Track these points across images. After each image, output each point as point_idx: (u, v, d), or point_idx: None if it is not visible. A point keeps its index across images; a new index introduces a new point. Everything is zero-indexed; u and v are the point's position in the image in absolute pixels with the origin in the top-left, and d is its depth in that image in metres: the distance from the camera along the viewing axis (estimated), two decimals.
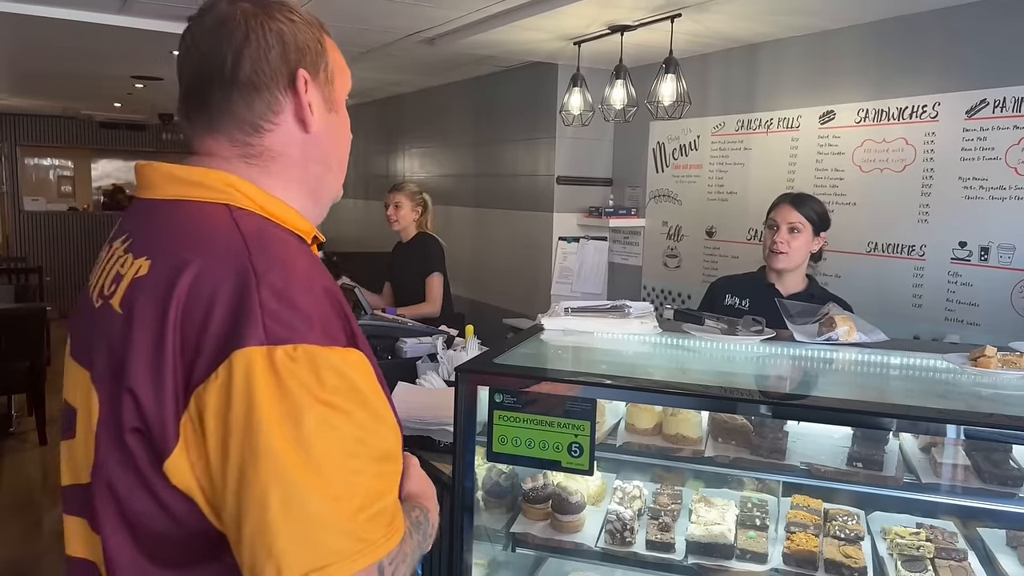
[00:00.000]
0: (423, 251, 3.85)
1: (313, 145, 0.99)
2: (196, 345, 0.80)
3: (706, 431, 1.83)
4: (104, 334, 0.87)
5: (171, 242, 0.88)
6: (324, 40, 1.00)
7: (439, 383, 2.37)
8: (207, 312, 0.81)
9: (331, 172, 1.04)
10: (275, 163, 0.97)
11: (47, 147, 10.25)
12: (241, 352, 0.79)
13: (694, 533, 1.77)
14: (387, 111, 7.05)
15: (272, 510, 0.77)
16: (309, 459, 0.78)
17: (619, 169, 4.93)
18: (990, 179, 3.01)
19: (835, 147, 3.59)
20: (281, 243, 0.90)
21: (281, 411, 0.78)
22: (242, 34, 0.93)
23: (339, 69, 1.03)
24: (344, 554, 0.78)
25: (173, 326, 0.81)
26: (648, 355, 2.03)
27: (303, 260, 0.89)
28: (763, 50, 3.90)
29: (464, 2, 3.47)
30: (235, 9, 0.95)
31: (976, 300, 3.08)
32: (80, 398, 0.90)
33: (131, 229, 0.95)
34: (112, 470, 0.84)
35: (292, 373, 0.79)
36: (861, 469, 1.65)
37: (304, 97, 0.96)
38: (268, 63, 0.94)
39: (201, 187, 0.93)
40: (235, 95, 0.94)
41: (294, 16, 0.97)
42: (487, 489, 1.89)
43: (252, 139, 0.96)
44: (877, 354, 1.91)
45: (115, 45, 4.46)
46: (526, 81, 5.04)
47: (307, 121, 0.97)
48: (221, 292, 0.82)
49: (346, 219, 8.15)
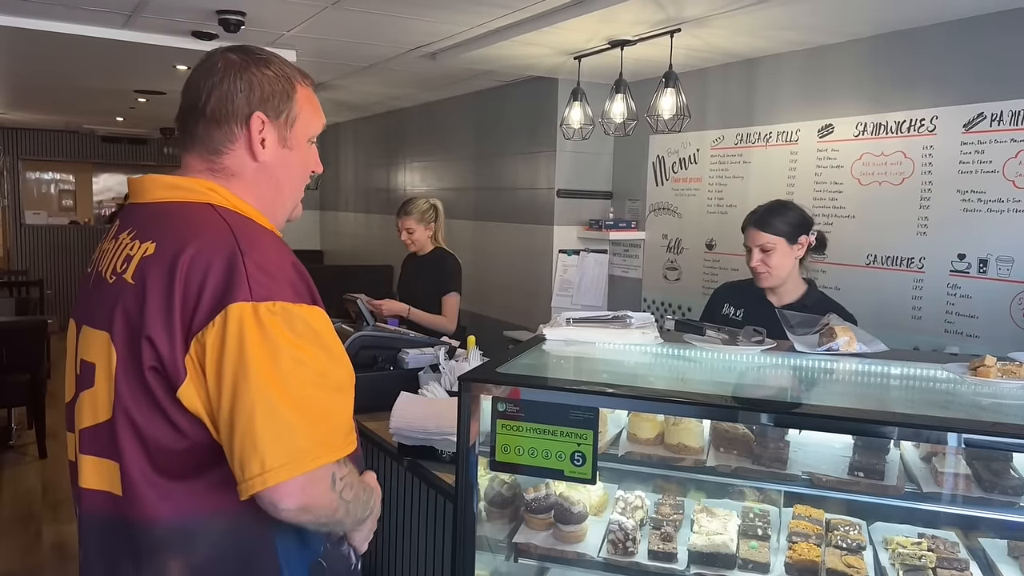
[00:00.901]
0: (441, 268, 3.79)
1: (263, 171, 1.26)
2: (196, 303, 1.08)
3: (707, 441, 1.83)
4: (119, 301, 1.14)
5: (172, 229, 1.16)
6: (295, 91, 1.27)
7: (441, 393, 2.37)
8: (204, 278, 1.08)
9: (282, 195, 1.31)
10: (233, 179, 1.25)
11: (49, 161, 10.28)
12: (234, 306, 1.07)
13: (696, 543, 1.78)
14: (388, 125, 7.09)
15: (257, 418, 1.05)
16: (285, 384, 1.07)
17: (619, 182, 4.96)
18: (988, 192, 3.03)
19: (834, 160, 3.61)
20: (257, 230, 1.19)
21: (264, 350, 1.07)
22: (218, 78, 1.22)
23: (305, 116, 1.29)
24: (309, 451, 1.08)
25: (179, 289, 1.08)
26: (650, 365, 2.04)
27: (274, 242, 1.18)
28: (762, 64, 3.93)
29: (465, 17, 3.51)
30: (222, 58, 1.24)
31: (975, 312, 3.10)
32: (99, 354, 1.16)
33: (134, 224, 1.21)
34: (132, 402, 1.11)
35: (272, 322, 1.08)
36: (862, 479, 1.65)
37: (256, 134, 1.24)
38: (232, 103, 1.22)
39: (187, 191, 1.21)
40: (202, 124, 1.23)
41: (268, 71, 1.24)
42: (489, 499, 1.89)
43: (214, 159, 1.24)
44: (877, 364, 1.92)
45: (118, 60, 4.49)
46: (527, 95, 5.07)
47: (255, 152, 1.25)
48: (215, 263, 1.09)
49: (347, 232, 8.17)
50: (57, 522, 4.10)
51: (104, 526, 1.17)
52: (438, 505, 2.04)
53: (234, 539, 1.15)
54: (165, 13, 3.57)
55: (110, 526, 1.16)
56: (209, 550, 1.14)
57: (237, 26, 3.59)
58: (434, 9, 3.39)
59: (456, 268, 3.81)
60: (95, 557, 1.20)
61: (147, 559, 1.13)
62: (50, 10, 3.58)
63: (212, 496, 1.13)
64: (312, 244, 8.69)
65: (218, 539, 1.14)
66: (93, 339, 1.18)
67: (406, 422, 2.14)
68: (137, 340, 1.10)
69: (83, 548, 1.23)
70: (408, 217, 3.80)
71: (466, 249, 5.65)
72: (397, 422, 2.15)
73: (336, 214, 8.39)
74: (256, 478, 1.05)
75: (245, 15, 3.53)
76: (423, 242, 3.83)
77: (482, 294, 5.50)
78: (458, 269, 3.81)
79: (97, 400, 1.15)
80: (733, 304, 2.68)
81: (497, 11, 3.39)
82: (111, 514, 1.15)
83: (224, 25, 3.58)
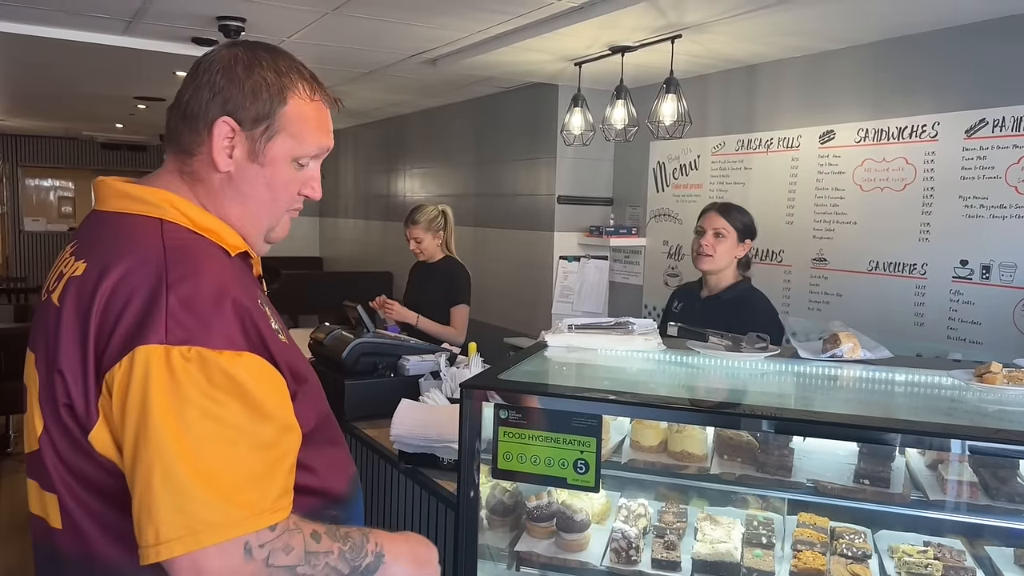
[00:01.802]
0: (450, 278, 3.71)
1: (227, 183, 1.12)
2: (108, 337, 0.96)
3: (711, 448, 1.82)
4: (44, 323, 1.04)
5: (104, 248, 1.03)
6: (284, 103, 1.10)
7: (442, 400, 2.36)
8: (121, 310, 0.96)
9: (250, 214, 1.14)
10: (200, 184, 1.12)
11: (48, 168, 10.29)
12: (143, 348, 0.94)
13: (700, 551, 1.76)
14: (388, 131, 7.09)
15: (155, 481, 0.92)
16: (188, 443, 0.93)
17: (619, 188, 4.95)
18: (990, 198, 3.02)
19: (835, 166, 3.61)
20: (201, 256, 1.04)
21: (169, 401, 0.93)
22: (202, 76, 1.10)
23: (290, 133, 1.12)
24: (213, 524, 0.92)
25: (95, 320, 0.97)
26: (652, 372, 2.02)
27: (217, 273, 1.03)
28: (763, 70, 3.93)
29: (466, 23, 3.51)
30: (225, 51, 1.12)
31: (978, 318, 3.09)
32: (30, 379, 1.07)
33: (80, 237, 1.12)
34: (55, 434, 1.01)
35: (184, 370, 0.94)
36: (868, 486, 1.64)
37: (219, 140, 1.09)
38: (202, 102, 1.09)
39: (141, 202, 1.08)
40: (177, 120, 1.12)
41: (261, 75, 1.10)
42: (491, 507, 1.88)
43: (186, 159, 1.12)
44: (882, 371, 1.91)
45: (119, 66, 4.50)
46: (527, 101, 5.07)
47: (216, 161, 1.10)
48: (136, 294, 0.97)
49: (346, 239, 8.16)
50: None
51: (44, 555, 1.09)
52: (439, 513, 2.02)
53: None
54: (165, 19, 3.57)
55: (48, 557, 1.08)
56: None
57: (237, 32, 3.59)
58: (435, 15, 3.39)
59: (466, 279, 3.73)
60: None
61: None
62: (51, 16, 3.58)
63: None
64: (311, 251, 8.68)
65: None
66: (28, 361, 1.09)
67: (407, 429, 2.13)
68: (51, 372, 0.99)
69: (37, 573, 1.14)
70: (415, 226, 3.70)
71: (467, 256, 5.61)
72: (398, 429, 2.14)
73: (336, 220, 8.39)
74: (150, 548, 0.91)
75: (245, 21, 3.53)
76: (432, 250, 3.72)
77: (482, 301, 5.47)
78: (468, 280, 3.73)
79: (30, 426, 1.06)
80: (678, 300, 2.96)
81: (498, 17, 3.39)
82: (49, 545, 1.07)
83: (224, 31, 3.58)
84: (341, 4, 3.24)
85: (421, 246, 3.70)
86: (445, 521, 1.98)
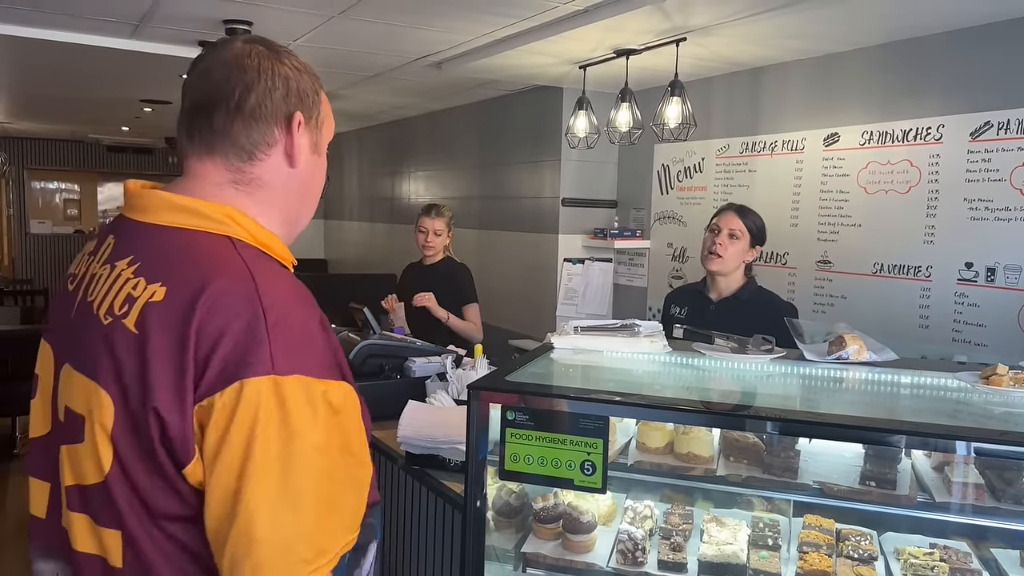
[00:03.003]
0: (456, 280, 3.71)
1: (295, 179, 1.10)
2: (204, 367, 0.91)
3: (717, 450, 1.82)
4: (115, 349, 0.95)
5: (185, 271, 0.96)
6: (320, 92, 1.13)
7: (448, 402, 2.36)
8: (217, 338, 0.91)
9: (306, 205, 1.15)
10: (261, 191, 1.07)
11: (54, 170, 10.33)
12: (253, 380, 0.90)
13: (706, 553, 1.76)
14: (393, 134, 7.10)
15: (258, 517, 0.89)
16: (294, 479, 0.91)
17: (624, 191, 4.96)
18: (995, 200, 3.02)
19: (840, 169, 3.61)
20: (280, 279, 1.00)
21: (280, 435, 0.91)
22: (254, 71, 1.04)
23: (327, 119, 1.15)
24: (310, 562, 0.92)
25: (192, 351, 0.91)
26: (659, 373, 2.03)
27: (299, 298, 1.00)
28: (767, 73, 3.93)
29: (471, 26, 3.52)
30: (250, 48, 1.06)
31: (983, 321, 3.09)
32: (87, 407, 0.97)
33: (136, 252, 1.01)
34: (134, 470, 0.94)
35: (294, 399, 0.92)
36: (874, 488, 1.64)
37: (296, 136, 1.08)
38: (272, 101, 1.05)
39: (202, 217, 1.01)
40: (238, 123, 1.04)
41: (299, 65, 1.09)
42: (497, 509, 1.88)
43: (245, 165, 1.06)
44: (888, 373, 1.91)
45: (126, 69, 4.52)
46: (531, 104, 5.08)
47: (295, 157, 1.08)
48: (233, 322, 0.92)
49: (351, 241, 8.18)
50: None
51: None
52: (446, 514, 2.03)
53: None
54: (172, 23, 3.59)
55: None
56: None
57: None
58: (440, 18, 3.40)
59: (471, 278, 3.75)
60: None
61: None
62: (58, 20, 3.60)
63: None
64: (316, 253, 8.70)
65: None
66: (80, 386, 0.99)
67: (414, 431, 2.13)
68: (142, 409, 0.92)
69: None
70: (440, 218, 3.69)
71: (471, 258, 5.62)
72: (405, 431, 2.15)
73: (340, 223, 8.41)
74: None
75: (252, 25, 3.55)
76: (438, 248, 3.73)
77: (487, 303, 5.46)
78: (472, 278, 3.76)
79: (82, 460, 0.98)
80: (678, 304, 2.89)
81: (503, 20, 3.40)
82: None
83: (230, 35, 3.60)
84: (347, 8, 3.26)
85: (436, 240, 3.68)
86: (452, 522, 1.99)
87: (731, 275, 2.74)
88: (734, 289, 2.74)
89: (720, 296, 2.76)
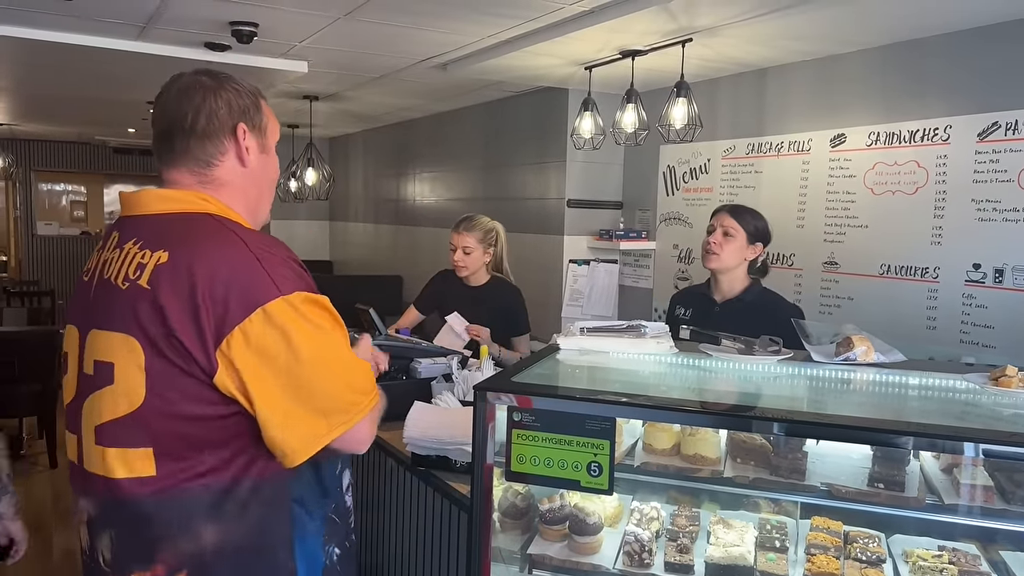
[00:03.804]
0: (508, 307, 3.34)
1: (249, 176, 1.39)
2: (224, 303, 1.18)
3: (724, 452, 1.82)
4: (134, 305, 1.22)
5: (181, 238, 1.25)
6: (260, 102, 1.41)
7: (454, 403, 2.36)
8: (228, 280, 1.19)
9: (263, 196, 1.45)
10: (223, 188, 1.36)
11: (61, 172, 10.36)
12: (271, 304, 1.20)
13: (713, 555, 1.76)
14: (398, 136, 7.11)
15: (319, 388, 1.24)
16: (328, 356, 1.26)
17: (629, 192, 4.95)
18: (1003, 201, 3.01)
19: (846, 170, 3.60)
20: (258, 234, 1.31)
21: (310, 330, 1.23)
22: (200, 97, 1.34)
23: (271, 123, 1.44)
24: (359, 404, 1.30)
25: (203, 292, 1.18)
26: (665, 375, 2.02)
27: (277, 243, 1.31)
28: (773, 74, 3.93)
29: (476, 28, 3.52)
30: (195, 80, 1.36)
31: (991, 322, 3.07)
32: (118, 354, 1.23)
33: (139, 235, 1.29)
34: (166, 390, 1.20)
35: (305, 308, 1.24)
36: (883, 490, 1.63)
37: (242, 142, 1.36)
38: (218, 119, 1.34)
39: (185, 202, 1.32)
40: (193, 141, 1.33)
41: (238, 87, 1.38)
42: (503, 510, 1.88)
43: (205, 171, 1.35)
44: (896, 374, 1.90)
45: (132, 71, 4.53)
46: (537, 106, 5.08)
47: (244, 159, 1.37)
48: (237, 267, 1.21)
49: (355, 243, 8.18)
50: (68, 530, 4.10)
51: (135, 509, 1.25)
52: (451, 516, 2.03)
53: (256, 503, 1.27)
54: (179, 24, 3.59)
55: (141, 507, 1.24)
56: (239, 508, 1.26)
57: (250, 37, 3.61)
58: (445, 20, 3.40)
59: (523, 305, 3.39)
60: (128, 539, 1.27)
61: (182, 528, 1.24)
62: (64, 22, 3.61)
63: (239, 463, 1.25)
64: (321, 254, 8.71)
65: (245, 500, 1.26)
66: (108, 340, 1.25)
67: (420, 432, 2.13)
68: (167, 339, 1.19)
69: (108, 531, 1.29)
70: (469, 233, 3.27)
71: None
72: (411, 432, 2.14)
73: (346, 224, 8.42)
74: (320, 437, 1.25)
75: (258, 26, 3.55)
76: (476, 267, 3.31)
77: None
78: (524, 305, 3.40)
79: (117, 396, 1.23)
80: (683, 305, 2.92)
81: (508, 22, 3.40)
82: (141, 496, 1.24)
83: (237, 36, 3.60)
84: (353, 9, 3.26)
85: (469, 258, 3.27)
86: (458, 523, 1.99)
87: (732, 274, 2.75)
88: (738, 291, 2.75)
89: (724, 298, 2.77)
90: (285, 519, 1.31)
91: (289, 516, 1.31)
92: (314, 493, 1.36)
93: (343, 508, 1.45)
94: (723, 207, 2.83)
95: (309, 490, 1.34)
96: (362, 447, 1.34)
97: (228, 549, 1.26)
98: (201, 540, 1.24)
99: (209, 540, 1.25)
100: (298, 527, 1.33)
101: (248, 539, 1.27)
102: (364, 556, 2.52)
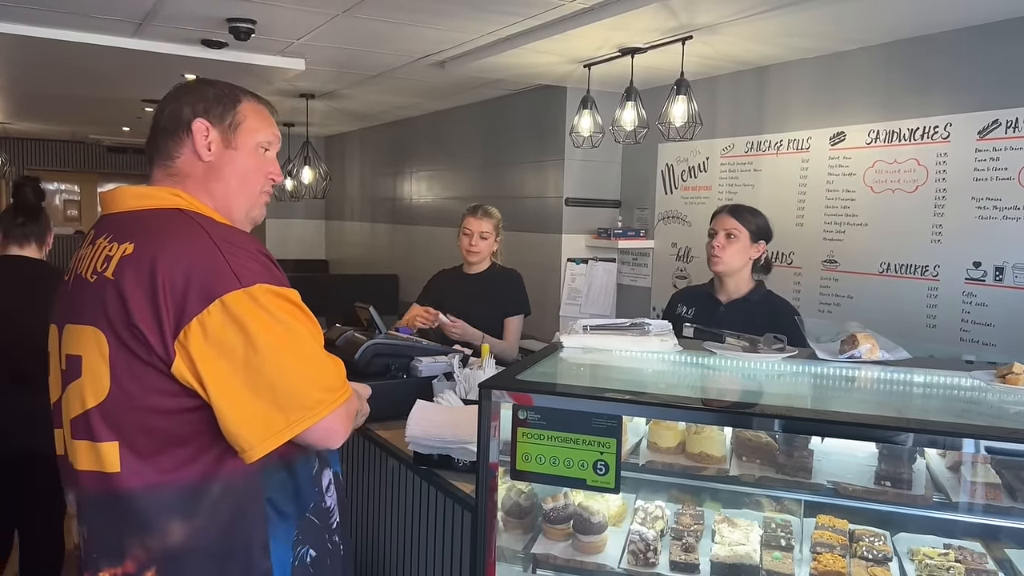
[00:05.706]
0: (508, 288, 3.38)
1: (212, 170, 1.41)
2: (183, 295, 1.19)
3: (730, 450, 1.81)
4: (100, 296, 1.24)
5: (148, 231, 1.28)
6: (239, 102, 1.43)
7: (456, 402, 2.34)
8: (189, 271, 1.21)
9: (233, 191, 1.43)
10: (186, 180, 1.39)
11: (54, 171, 10.31)
12: (229, 295, 1.21)
13: (719, 554, 1.75)
14: (395, 134, 7.09)
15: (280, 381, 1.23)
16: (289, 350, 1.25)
17: (628, 191, 4.94)
18: (1004, 199, 3.01)
19: (846, 168, 3.59)
20: (224, 225, 1.33)
21: (269, 323, 1.23)
22: (171, 99, 1.43)
23: (250, 123, 1.44)
24: (324, 402, 1.29)
25: (163, 282, 1.20)
26: (670, 373, 2.01)
27: (243, 234, 1.33)
28: (773, 72, 3.92)
29: (475, 25, 3.50)
30: (178, 86, 1.45)
31: (991, 320, 3.07)
32: (85, 346, 1.25)
33: (110, 231, 1.32)
34: (128, 382, 1.22)
35: (267, 300, 1.24)
36: (890, 488, 1.62)
37: (199, 136, 1.39)
38: (180, 116, 1.40)
39: (154, 199, 1.36)
40: (161, 137, 1.41)
41: (213, 88, 1.43)
42: (507, 509, 1.86)
43: (169, 163, 1.40)
44: (901, 372, 1.89)
45: (127, 69, 4.50)
46: (535, 104, 5.07)
47: (201, 153, 1.40)
48: (198, 258, 1.23)
49: (352, 242, 8.16)
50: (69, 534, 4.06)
51: (104, 503, 1.26)
52: (455, 515, 2.01)
53: (227, 502, 1.27)
54: (176, 21, 3.57)
55: (109, 502, 1.25)
56: (209, 507, 1.26)
57: (247, 34, 3.59)
58: (444, 17, 3.39)
59: (522, 286, 3.41)
60: (98, 533, 1.29)
61: (150, 525, 1.24)
62: (60, 18, 3.58)
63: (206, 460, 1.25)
64: (318, 253, 8.69)
65: (215, 498, 1.26)
66: (78, 334, 1.27)
67: (422, 430, 2.11)
68: (128, 329, 1.21)
69: (83, 527, 1.32)
70: (487, 219, 3.32)
71: None
72: (413, 430, 2.13)
73: (342, 223, 8.39)
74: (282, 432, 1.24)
75: (255, 23, 3.53)
76: (485, 254, 3.33)
77: None
78: (523, 287, 3.42)
79: (84, 389, 1.25)
80: (685, 304, 2.88)
81: (507, 19, 3.38)
82: (109, 491, 1.25)
83: (234, 33, 3.58)
84: (351, 6, 3.24)
85: (484, 244, 3.30)
86: (461, 523, 1.97)
87: (738, 275, 2.73)
88: (744, 292, 2.74)
89: (729, 299, 2.75)
90: (259, 519, 1.30)
91: (263, 516, 1.31)
92: (286, 493, 1.34)
93: (321, 508, 1.43)
94: (723, 208, 2.81)
95: (281, 490, 1.33)
96: (332, 444, 1.34)
97: (199, 548, 1.26)
98: (170, 538, 1.24)
99: (179, 538, 1.25)
100: (271, 527, 1.32)
101: (220, 538, 1.27)
102: (365, 556, 2.50)
